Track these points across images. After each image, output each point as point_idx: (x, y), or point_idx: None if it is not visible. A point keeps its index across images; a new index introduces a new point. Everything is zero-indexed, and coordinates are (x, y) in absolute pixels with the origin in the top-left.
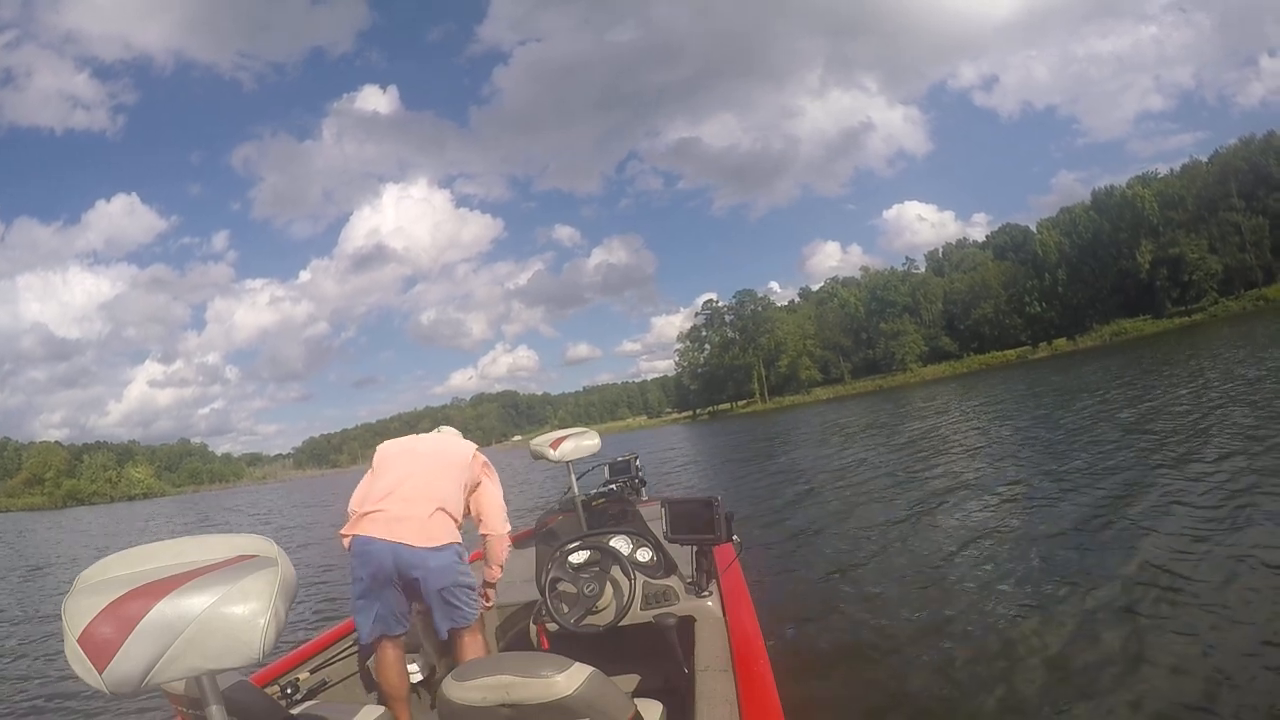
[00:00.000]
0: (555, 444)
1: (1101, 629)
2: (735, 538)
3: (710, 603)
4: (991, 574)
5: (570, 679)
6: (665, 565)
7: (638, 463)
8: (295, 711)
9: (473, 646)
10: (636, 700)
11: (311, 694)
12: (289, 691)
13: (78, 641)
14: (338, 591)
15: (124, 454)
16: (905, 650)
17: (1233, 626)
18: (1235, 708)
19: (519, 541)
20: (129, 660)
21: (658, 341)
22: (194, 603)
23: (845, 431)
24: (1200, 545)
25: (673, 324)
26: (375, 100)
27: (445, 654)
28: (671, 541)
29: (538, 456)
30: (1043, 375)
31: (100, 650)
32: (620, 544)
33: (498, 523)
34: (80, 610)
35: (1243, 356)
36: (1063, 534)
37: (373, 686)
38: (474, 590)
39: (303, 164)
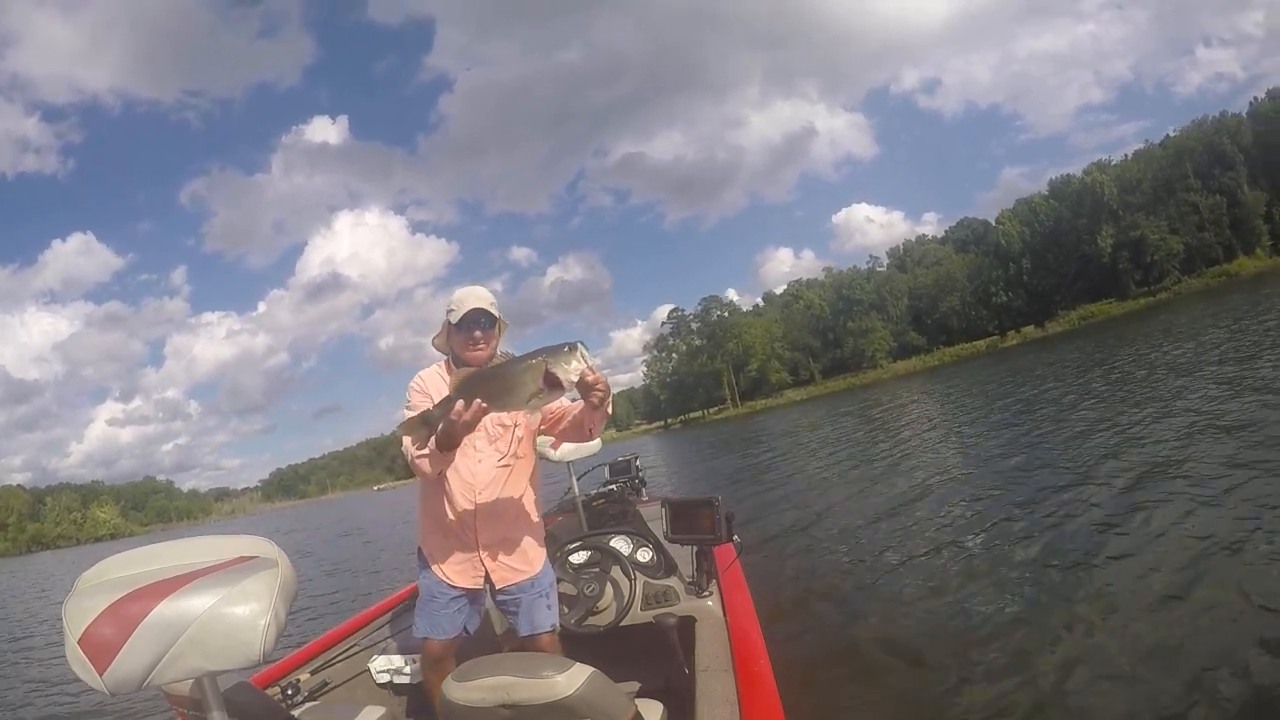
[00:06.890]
0: (555, 444)
1: (1106, 626)
2: (736, 538)
3: (711, 603)
4: (994, 570)
5: (570, 679)
6: (665, 565)
7: (638, 463)
8: (296, 713)
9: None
10: (637, 701)
11: (313, 695)
12: (290, 693)
13: (78, 643)
14: (337, 592)
15: (88, 494)
16: (907, 649)
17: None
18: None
19: None
20: (129, 661)
21: (618, 355)
22: (195, 604)
23: (823, 431)
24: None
25: (631, 337)
26: (324, 131)
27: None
28: (672, 542)
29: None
30: (1017, 362)
31: (101, 651)
32: (620, 544)
33: None
34: (81, 611)
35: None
36: (1067, 526)
37: (374, 687)
38: None
39: (253, 197)
